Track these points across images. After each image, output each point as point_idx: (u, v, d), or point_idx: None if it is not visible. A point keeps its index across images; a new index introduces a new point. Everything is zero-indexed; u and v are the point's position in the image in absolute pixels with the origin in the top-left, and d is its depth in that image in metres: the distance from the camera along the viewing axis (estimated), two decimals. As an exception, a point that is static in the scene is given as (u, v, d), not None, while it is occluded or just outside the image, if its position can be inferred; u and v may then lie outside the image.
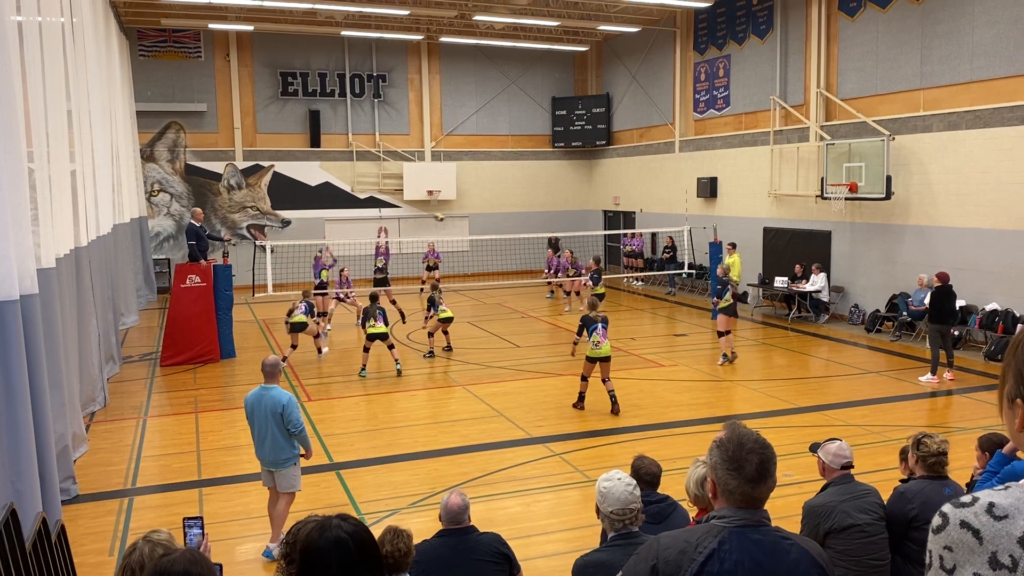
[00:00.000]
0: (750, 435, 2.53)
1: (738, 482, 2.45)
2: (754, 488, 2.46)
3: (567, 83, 30.63)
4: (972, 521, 1.41)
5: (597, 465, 9.48)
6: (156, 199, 26.04)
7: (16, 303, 7.33)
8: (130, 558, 2.98)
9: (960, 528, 1.42)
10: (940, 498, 4.89)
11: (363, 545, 2.43)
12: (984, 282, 15.55)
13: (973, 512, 1.42)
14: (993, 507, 1.42)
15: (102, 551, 7.69)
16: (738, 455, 2.47)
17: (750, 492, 2.46)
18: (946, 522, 1.44)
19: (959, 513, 1.43)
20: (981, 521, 1.40)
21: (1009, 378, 1.54)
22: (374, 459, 10.13)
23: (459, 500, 4.86)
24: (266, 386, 7.44)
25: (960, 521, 1.42)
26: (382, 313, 14.58)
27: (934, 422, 11.51)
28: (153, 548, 2.97)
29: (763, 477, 2.47)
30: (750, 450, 2.48)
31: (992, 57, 15.49)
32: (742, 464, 2.46)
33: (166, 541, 3.03)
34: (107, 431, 11.53)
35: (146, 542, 3.02)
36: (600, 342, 11.82)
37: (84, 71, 13.60)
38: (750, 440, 2.51)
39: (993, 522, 1.40)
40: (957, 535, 1.42)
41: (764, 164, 21.37)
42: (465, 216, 29.16)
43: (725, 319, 15.01)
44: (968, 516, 1.42)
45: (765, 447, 2.52)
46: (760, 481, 2.46)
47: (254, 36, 26.26)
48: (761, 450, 2.50)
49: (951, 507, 1.46)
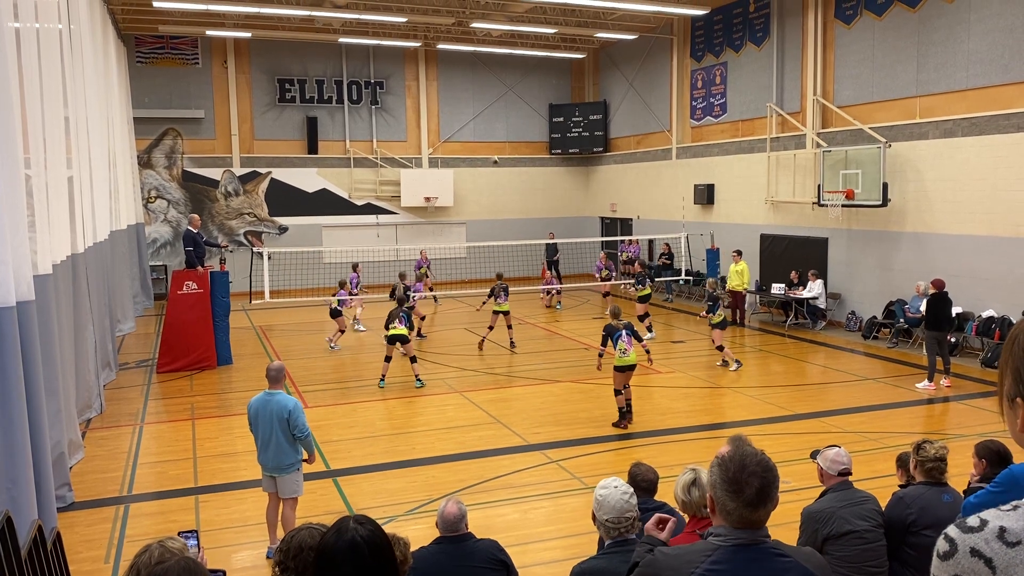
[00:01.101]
0: (754, 456, 2.44)
1: (736, 504, 2.38)
2: (752, 512, 2.39)
3: (564, 90, 30.70)
4: (984, 549, 1.32)
5: (594, 472, 9.46)
6: (153, 206, 26.03)
7: (12, 309, 7.32)
8: (139, 558, 2.98)
9: (971, 556, 1.32)
10: (938, 504, 4.90)
11: (378, 548, 2.44)
12: (980, 289, 15.58)
13: (984, 539, 1.33)
14: (1005, 532, 1.32)
15: (98, 559, 7.65)
16: (739, 477, 2.39)
17: (748, 515, 2.39)
18: (954, 548, 1.34)
19: (968, 539, 1.34)
20: (993, 549, 1.31)
21: (1007, 377, 1.48)
22: (371, 466, 10.10)
23: (455, 508, 4.85)
24: (271, 391, 7.46)
25: (970, 548, 1.33)
26: (406, 316, 14.13)
27: (931, 429, 11.51)
28: (163, 553, 2.96)
29: (763, 501, 2.39)
30: (752, 472, 2.39)
31: (988, 65, 15.55)
32: (742, 487, 2.38)
33: (179, 549, 3.02)
34: (103, 438, 11.49)
35: (160, 546, 3.01)
36: (627, 349, 11.33)
37: (82, 77, 13.60)
38: (753, 462, 2.42)
39: (1006, 549, 1.31)
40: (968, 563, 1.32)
41: (761, 171, 21.42)
42: (462, 223, 29.17)
43: (720, 334, 15.13)
44: (979, 543, 1.33)
45: (768, 470, 2.42)
46: (760, 505, 2.39)
47: (252, 43, 26.29)
48: (763, 473, 2.40)
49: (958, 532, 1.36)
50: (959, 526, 1.37)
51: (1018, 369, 1.46)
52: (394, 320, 14.01)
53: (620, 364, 11.38)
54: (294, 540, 3.01)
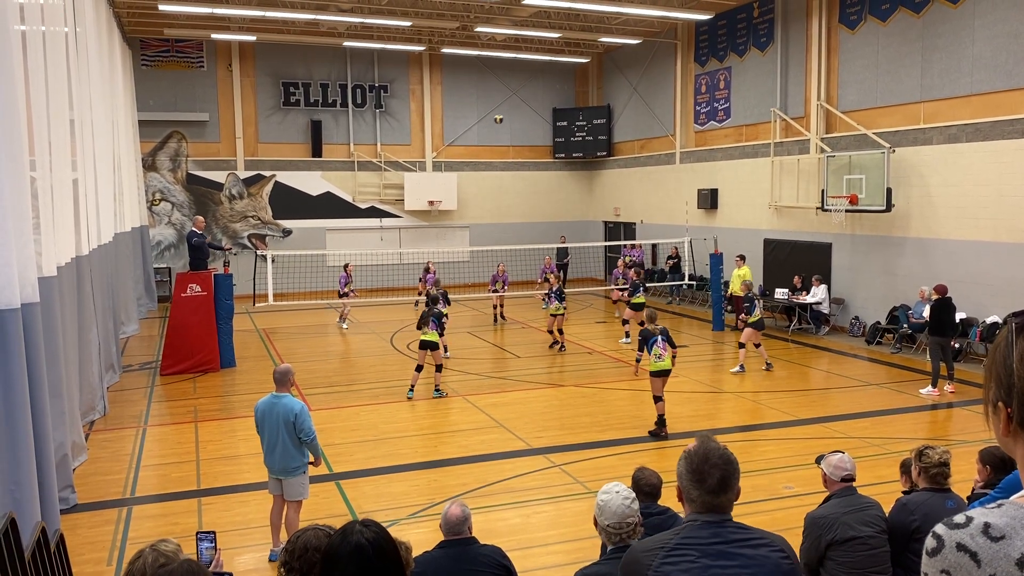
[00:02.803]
0: (716, 450, 2.71)
1: (700, 492, 2.66)
2: (715, 498, 2.65)
3: (568, 94, 30.72)
4: (969, 543, 1.38)
5: (597, 477, 9.46)
6: (157, 208, 26.08)
7: (17, 311, 7.33)
8: (134, 565, 2.98)
9: (957, 551, 1.38)
10: (942, 510, 4.88)
11: (383, 552, 2.46)
12: (984, 294, 15.55)
13: (969, 534, 1.39)
14: (989, 528, 1.38)
15: (100, 560, 7.66)
16: (702, 468, 2.67)
17: (711, 501, 2.65)
18: (941, 545, 1.40)
19: (954, 535, 1.40)
20: (978, 543, 1.37)
21: (991, 383, 1.52)
22: (374, 469, 10.10)
23: (459, 511, 4.85)
24: (277, 394, 7.46)
25: (956, 543, 1.39)
26: (436, 320, 13.49)
27: (935, 435, 11.49)
28: (157, 558, 2.97)
29: (724, 490, 2.65)
30: (713, 464, 2.66)
31: (992, 70, 15.54)
32: (704, 477, 2.65)
33: (172, 552, 3.02)
34: (107, 440, 11.50)
35: (152, 551, 3.01)
36: (662, 355, 11.25)
37: (87, 80, 13.63)
38: (715, 455, 2.69)
39: (990, 544, 1.37)
40: (954, 558, 1.38)
41: (764, 176, 21.41)
42: (466, 227, 29.19)
43: (753, 332, 15.36)
44: (964, 538, 1.38)
45: (728, 463, 2.69)
46: (720, 493, 2.65)
47: (256, 46, 26.35)
48: (724, 465, 2.67)
49: (945, 528, 1.42)
50: (946, 523, 1.43)
51: (999, 375, 1.49)
52: (426, 324, 13.38)
53: (655, 369, 11.27)
54: (299, 541, 3.02)
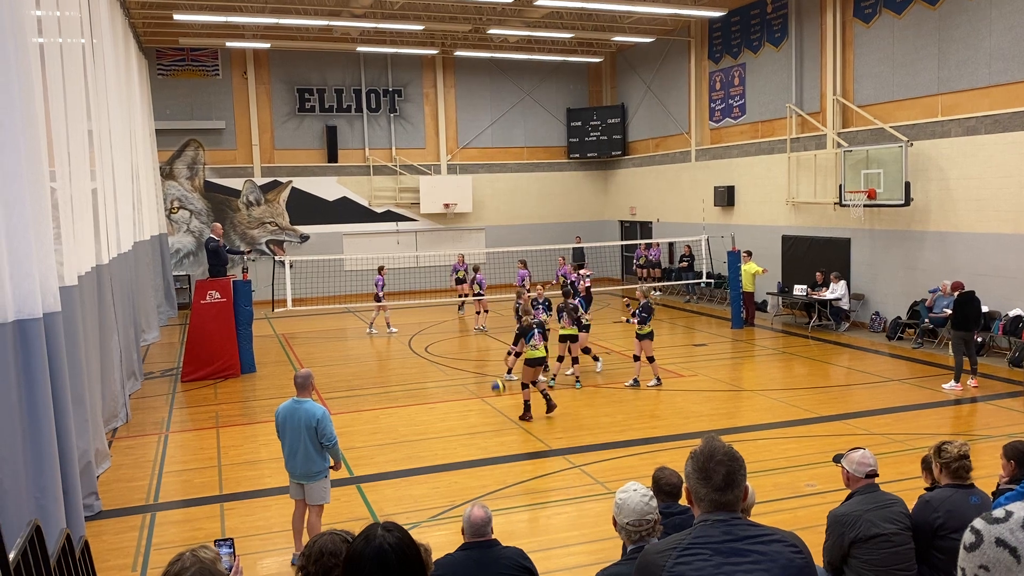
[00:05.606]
0: (721, 448, 2.77)
1: (707, 490, 2.71)
2: (722, 496, 2.69)
3: (582, 94, 30.68)
4: (1008, 539, 1.35)
5: (617, 477, 9.43)
6: (176, 216, 26.29)
7: (39, 321, 7.41)
8: (171, 567, 3.00)
9: (996, 546, 1.36)
10: (966, 507, 4.82)
11: (405, 556, 2.46)
12: (1007, 287, 15.37)
13: (1008, 528, 1.36)
14: None
15: (125, 567, 7.72)
16: (707, 466, 2.72)
17: (718, 499, 2.69)
18: (980, 540, 1.38)
19: (994, 530, 1.37)
20: (1018, 538, 1.35)
21: None
22: (394, 472, 10.13)
23: (482, 512, 4.85)
24: (299, 399, 7.48)
25: (996, 538, 1.36)
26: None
27: (958, 430, 11.37)
28: (195, 563, 2.98)
29: (730, 487, 2.69)
30: (719, 462, 2.71)
31: (1010, 61, 15.37)
32: (710, 475, 2.70)
33: (211, 560, 3.03)
34: (129, 447, 11.60)
35: (192, 555, 3.03)
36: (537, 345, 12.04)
37: (104, 91, 13.77)
38: (720, 452, 2.74)
39: None
40: (993, 553, 1.36)
41: (781, 172, 21.28)
42: (481, 228, 29.22)
43: (649, 344, 14.00)
44: (1004, 533, 1.36)
45: (733, 459, 2.74)
46: (727, 490, 2.69)
47: (271, 53, 26.51)
48: (729, 462, 2.72)
49: (984, 523, 1.39)
50: (985, 518, 1.41)
51: None
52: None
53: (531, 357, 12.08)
54: (316, 545, 3.03)
